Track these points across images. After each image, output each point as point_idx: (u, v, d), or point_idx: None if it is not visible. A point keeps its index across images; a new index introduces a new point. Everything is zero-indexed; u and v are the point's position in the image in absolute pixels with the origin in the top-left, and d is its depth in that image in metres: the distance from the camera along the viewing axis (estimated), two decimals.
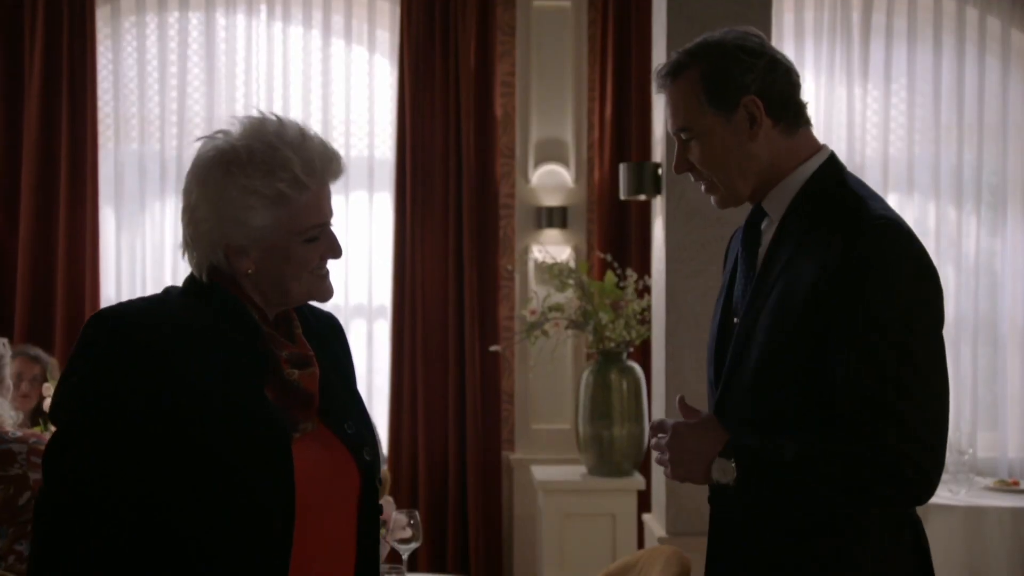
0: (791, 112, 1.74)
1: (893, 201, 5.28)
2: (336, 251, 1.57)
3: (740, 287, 1.79)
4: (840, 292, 1.57)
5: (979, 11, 5.30)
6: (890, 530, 1.65)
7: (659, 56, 3.63)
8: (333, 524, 1.55)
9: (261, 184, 1.48)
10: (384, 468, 4.15)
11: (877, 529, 1.64)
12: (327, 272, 1.58)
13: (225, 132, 1.54)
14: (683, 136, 1.75)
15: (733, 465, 1.60)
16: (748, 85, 1.70)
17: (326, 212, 1.56)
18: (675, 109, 1.75)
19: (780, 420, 1.64)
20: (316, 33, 5.32)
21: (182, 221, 1.56)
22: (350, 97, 5.32)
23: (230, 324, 1.52)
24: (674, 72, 1.74)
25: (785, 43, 5.31)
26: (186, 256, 1.57)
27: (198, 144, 1.56)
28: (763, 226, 1.77)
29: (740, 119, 1.70)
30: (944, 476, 4.71)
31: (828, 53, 5.30)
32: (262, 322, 1.54)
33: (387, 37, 5.36)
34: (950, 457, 4.52)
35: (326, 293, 1.59)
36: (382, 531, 1.72)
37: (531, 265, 5.25)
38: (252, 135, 1.51)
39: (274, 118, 1.54)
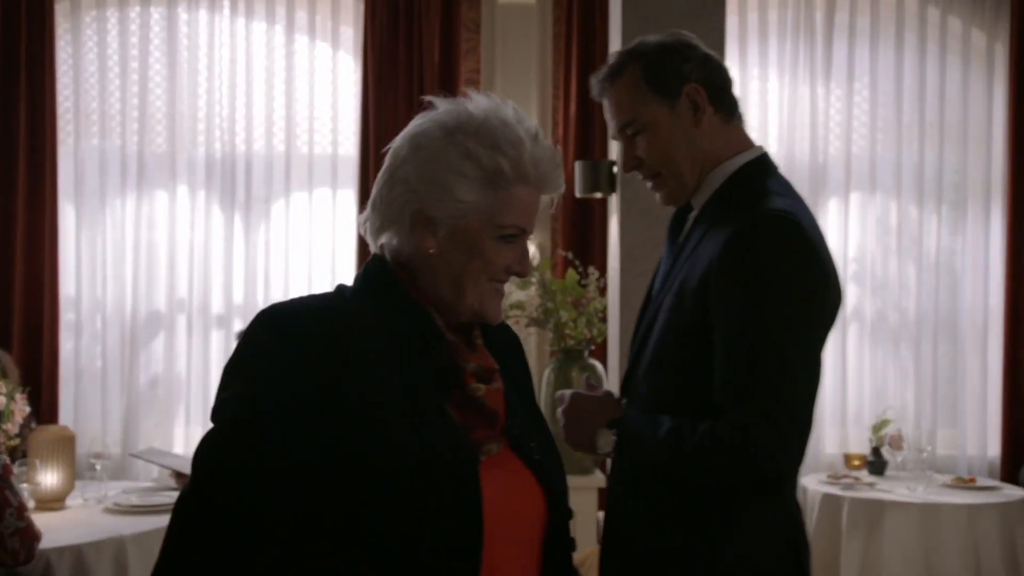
0: (728, 103, 1.77)
1: (855, 200, 5.33)
2: (525, 266, 1.41)
3: (660, 274, 1.82)
4: (725, 280, 1.60)
5: (940, 11, 5.34)
6: (761, 529, 1.66)
7: None
8: (516, 561, 1.37)
9: (484, 154, 1.34)
10: None
11: (745, 527, 1.65)
12: (503, 291, 1.42)
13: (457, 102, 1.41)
14: (628, 131, 1.77)
15: (614, 437, 1.65)
16: (688, 74, 1.74)
17: (531, 220, 1.40)
18: (619, 106, 1.77)
19: (674, 401, 1.67)
20: (279, 29, 5.29)
21: (377, 185, 1.41)
22: (313, 93, 5.30)
23: (411, 329, 1.36)
24: (614, 73, 1.78)
25: (749, 42, 5.34)
26: (366, 225, 1.43)
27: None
28: (689, 216, 1.81)
29: (683, 107, 1.74)
30: (902, 474, 4.74)
31: (792, 52, 5.32)
32: (445, 329, 1.39)
33: (351, 33, 5.34)
34: (908, 454, 4.57)
35: (497, 313, 1.41)
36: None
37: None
38: (489, 108, 1.38)
39: (512, 104, 1.41)
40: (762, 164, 1.77)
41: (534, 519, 1.39)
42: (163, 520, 3.46)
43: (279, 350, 1.29)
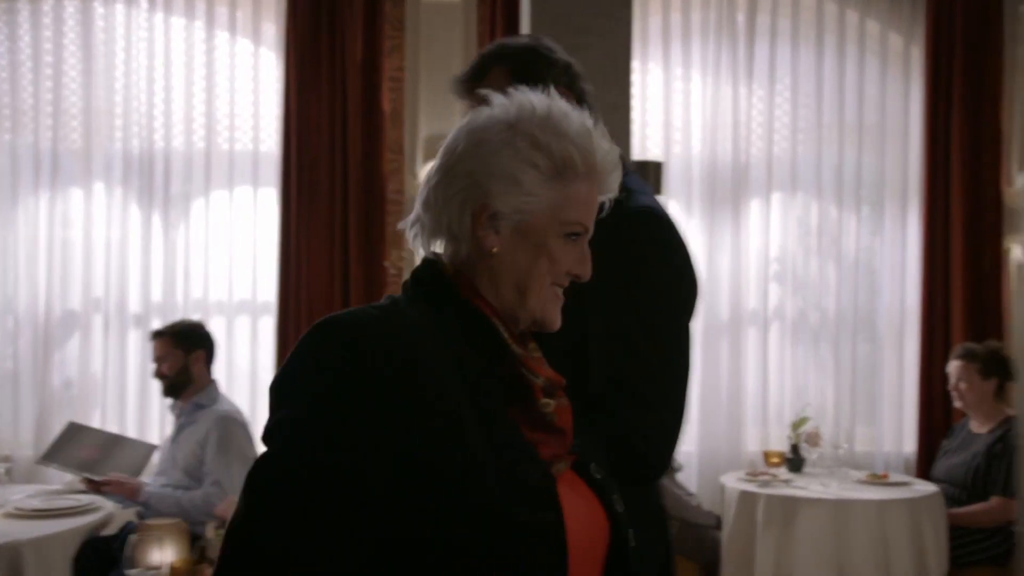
0: (588, 109, 1.77)
1: (776, 200, 5.39)
2: (586, 268, 1.33)
3: None
4: (596, 276, 1.60)
5: (859, 14, 5.42)
6: (641, 516, 1.66)
7: None
8: None
9: (555, 143, 1.28)
10: None
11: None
12: (562, 297, 1.34)
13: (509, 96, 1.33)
14: None
15: None
16: (556, 78, 1.73)
17: (592, 218, 1.33)
18: None
19: None
20: (199, 24, 5.21)
21: (428, 184, 1.31)
22: (234, 90, 5.23)
23: (476, 339, 1.27)
24: (478, 75, 1.75)
25: (672, 43, 5.36)
26: (415, 229, 1.33)
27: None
28: None
29: None
30: (817, 470, 4.79)
31: (714, 53, 5.36)
32: (510, 339, 1.30)
33: (273, 30, 5.27)
34: (826, 451, 4.63)
35: (557, 320, 1.33)
36: None
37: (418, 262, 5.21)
38: (547, 100, 1.31)
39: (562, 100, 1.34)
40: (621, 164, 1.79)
41: (599, 543, 1.31)
42: (64, 524, 3.38)
43: (338, 365, 1.18)
